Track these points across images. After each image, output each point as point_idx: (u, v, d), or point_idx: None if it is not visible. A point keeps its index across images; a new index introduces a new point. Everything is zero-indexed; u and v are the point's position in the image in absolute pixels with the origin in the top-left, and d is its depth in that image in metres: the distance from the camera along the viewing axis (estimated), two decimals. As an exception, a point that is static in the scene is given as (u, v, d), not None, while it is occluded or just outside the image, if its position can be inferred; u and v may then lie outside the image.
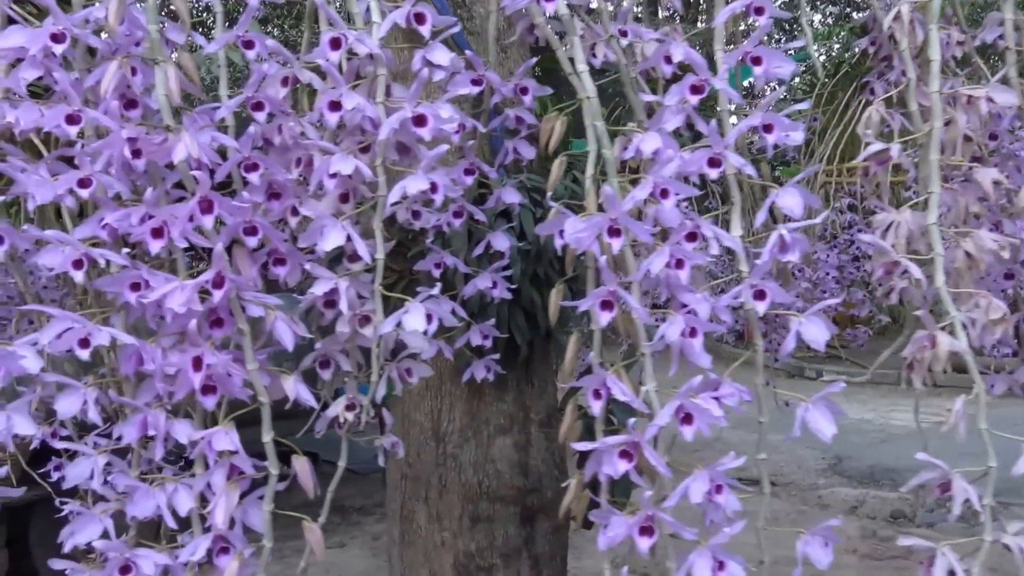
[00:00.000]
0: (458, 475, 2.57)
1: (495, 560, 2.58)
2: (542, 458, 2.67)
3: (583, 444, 0.90)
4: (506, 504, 2.59)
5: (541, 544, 2.66)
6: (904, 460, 7.67)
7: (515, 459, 2.61)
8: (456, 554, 2.57)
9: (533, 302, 2.49)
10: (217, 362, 0.93)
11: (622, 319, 0.94)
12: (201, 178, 0.93)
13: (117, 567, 0.97)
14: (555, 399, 2.78)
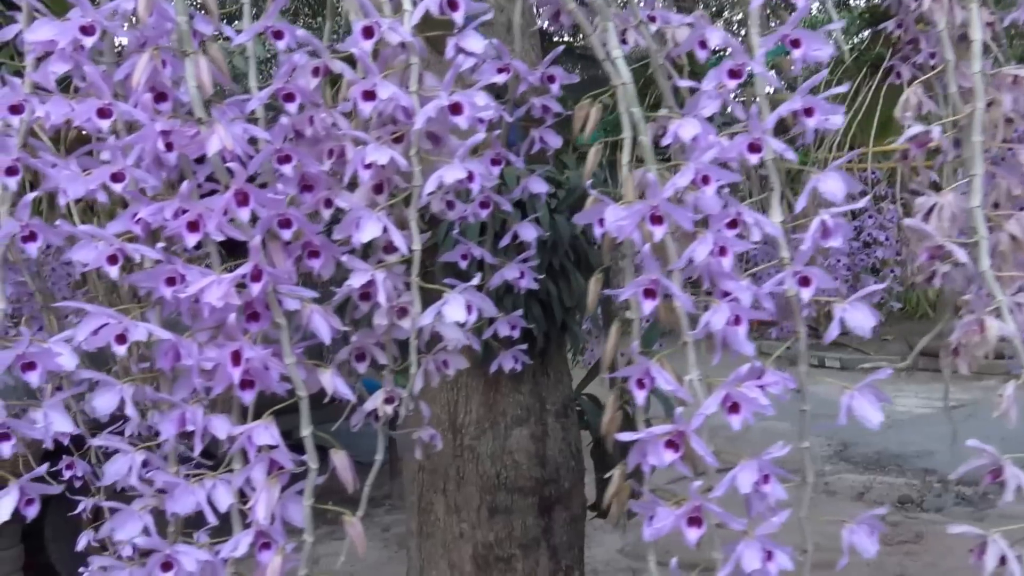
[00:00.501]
0: (476, 466, 2.57)
1: (514, 550, 2.59)
2: (559, 448, 2.67)
3: (627, 434, 0.90)
4: (524, 495, 2.59)
5: (559, 534, 2.66)
6: (910, 446, 7.67)
7: (532, 450, 2.61)
8: (475, 545, 2.57)
9: (549, 293, 2.48)
10: (256, 356, 0.92)
11: (663, 308, 0.93)
12: (236, 170, 0.92)
13: (158, 564, 0.96)
14: (571, 390, 2.78)
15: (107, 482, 0.98)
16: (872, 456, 7.46)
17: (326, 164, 1.01)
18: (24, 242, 0.97)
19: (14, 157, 0.97)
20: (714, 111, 0.97)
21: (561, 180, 2.49)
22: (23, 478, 0.95)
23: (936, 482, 6.87)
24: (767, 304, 0.91)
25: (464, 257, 1.36)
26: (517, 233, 1.39)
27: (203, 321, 0.98)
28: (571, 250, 2.54)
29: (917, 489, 6.72)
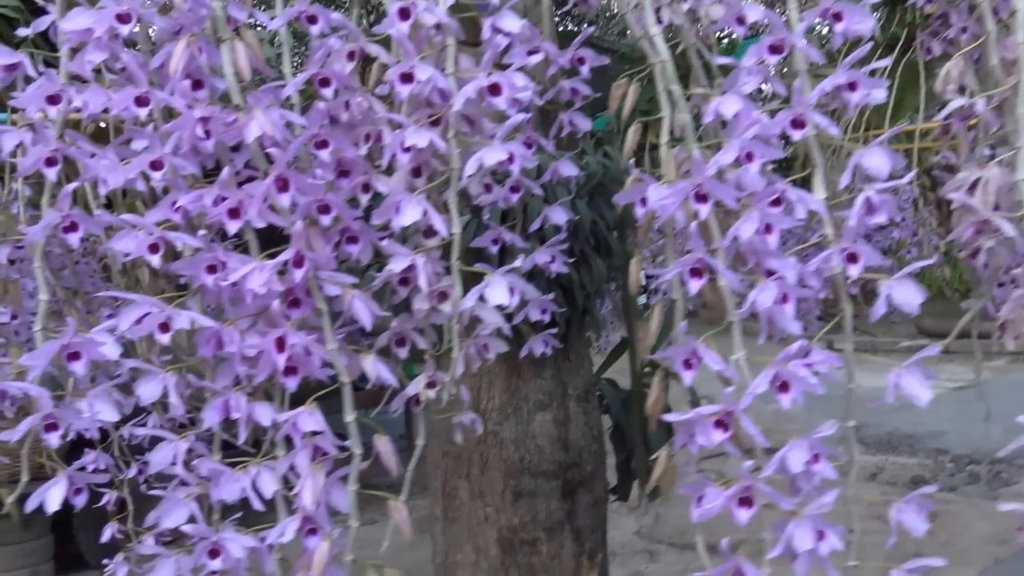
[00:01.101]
0: (499, 451, 2.58)
1: (538, 534, 2.59)
2: (581, 433, 2.67)
3: (673, 415, 0.89)
4: (547, 479, 2.60)
5: (583, 517, 2.66)
6: (922, 426, 7.67)
7: (555, 434, 2.62)
8: (499, 529, 2.57)
9: (570, 279, 2.48)
10: (300, 342, 0.92)
11: (707, 288, 0.92)
12: (276, 155, 0.92)
13: (206, 551, 0.96)
14: (591, 374, 2.78)
15: (152, 471, 0.98)
16: (884, 437, 7.46)
17: (363, 149, 1.01)
18: (65, 232, 0.97)
19: (53, 147, 0.97)
20: (755, 87, 0.96)
21: (580, 165, 2.48)
22: (70, 467, 0.95)
23: (948, 462, 6.87)
24: (813, 282, 0.90)
25: (495, 242, 1.36)
26: (547, 217, 1.38)
27: (244, 308, 0.98)
28: (591, 236, 2.53)
29: (930, 469, 6.72)
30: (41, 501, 0.94)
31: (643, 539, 5.43)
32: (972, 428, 7.61)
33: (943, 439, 7.22)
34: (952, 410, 7.63)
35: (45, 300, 0.98)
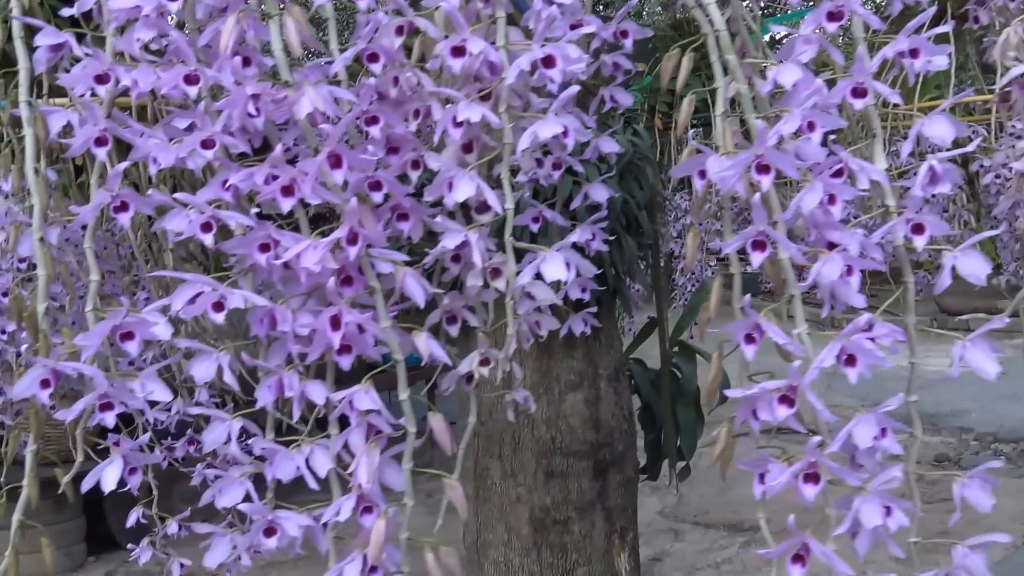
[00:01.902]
0: (531, 431, 2.58)
1: (570, 513, 2.60)
2: (612, 413, 2.67)
3: (736, 391, 0.88)
4: (579, 459, 2.60)
5: (613, 496, 2.67)
6: (944, 405, 7.61)
7: (586, 414, 2.62)
8: (532, 508, 2.58)
9: (601, 258, 2.47)
10: (355, 320, 0.91)
11: (767, 261, 0.91)
12: (329, 132, 0.91)
13: (261, 529, 0.97)
14: (621, 354, 2.77)
15: (207, 450, 0.98)
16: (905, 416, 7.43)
17: (412, 125, 1.00)
18: (116, 212, 0.96)
19: (102, 127, 0.97)
20: (812, 56, 0.94)
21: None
22: (125, 447, 0.95)
23: (972, 440, 6.83)
24: (876, 254, 0.88)
25: (535, 220, 1.34)
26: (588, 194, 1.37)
27: (296, 287, 0.97)
28: (622, 215, 2.51)
29: (954, 447, 6.68)
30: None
31: (667, 518, 5.43)
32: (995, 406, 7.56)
33: (966, 417, 7.17)
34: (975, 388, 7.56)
35: (96, 280, 0.98)
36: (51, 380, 0.91)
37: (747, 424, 0.90)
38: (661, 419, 2.92)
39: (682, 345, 3.02)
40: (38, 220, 0.96)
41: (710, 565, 4.61)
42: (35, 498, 0.97)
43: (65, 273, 0.97)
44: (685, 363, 2.94)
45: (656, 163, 2.75)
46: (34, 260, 1.96)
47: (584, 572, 2.61)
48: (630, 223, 2.56)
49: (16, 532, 0.96)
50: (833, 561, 0.86)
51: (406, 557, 0.98)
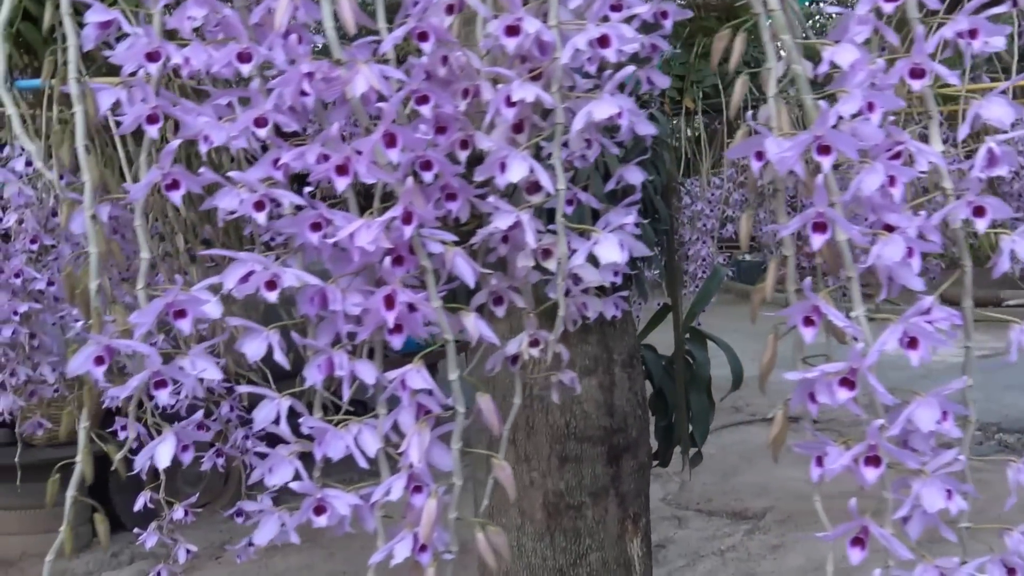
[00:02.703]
0: (545, 417, 2.58)
1: (583, 498, 2.61)
2: (626, 398, 2.67)
3: (796, 373, 0.88)
4: (593, 444, 2.60)
5: (627, 482, 2.68)
6: (947, 394, 7.65)
7: (600, 400, 2.62)
8: (545, 493, 2.58)
9: (619, 242, 2.45)
10: (409, 299, 0.91)
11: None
12: (386, 110, 0.90)
13: (311, 507, 0.96)
14: (636, 340, 2.77)
15: (257, 428, 0.97)
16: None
17: (462, 105, 0.99)
18: (167, 190, 0.96)
19: (154, 104, 0.96)
20: (867, 36, 0.93)
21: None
22: (176, 425, 0.95)
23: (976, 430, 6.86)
24: (935, 237, 0.88)
25: (570, 202, 1.34)
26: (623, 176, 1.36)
27: (346, 266, 0.97)
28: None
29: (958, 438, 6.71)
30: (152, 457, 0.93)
31: (670, 505, 5.46)
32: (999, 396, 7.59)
33: (970, 407, 7.20)
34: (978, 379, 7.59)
35: (147, 259, 0.97)
36: (105, 357, 0.91)
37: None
38: (673, 405, 2.92)
39: (694, 332, 3.03)
40: (89, 197, 0.95)
41: (714, 552, 4.63)
42: (89, 474, 0.96)
43: (117, 251, 0.96)
44: (698, 349, 2.94)
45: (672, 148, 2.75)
46: (46, 241, 1.95)
47: (597, 557, 2.62)
48: (646, 208, 2.56)
49: (70, 508, 0.96)
50: (893, 544, 0.87)
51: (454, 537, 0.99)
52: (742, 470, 5.89)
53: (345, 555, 4.51)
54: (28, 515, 4.45)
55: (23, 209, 1.93)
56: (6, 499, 4.44)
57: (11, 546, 4.45)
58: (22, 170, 1.94)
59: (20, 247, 1.97)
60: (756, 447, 6.35)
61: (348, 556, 4.49)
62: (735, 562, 4.46)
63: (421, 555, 0.95)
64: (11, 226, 1.97)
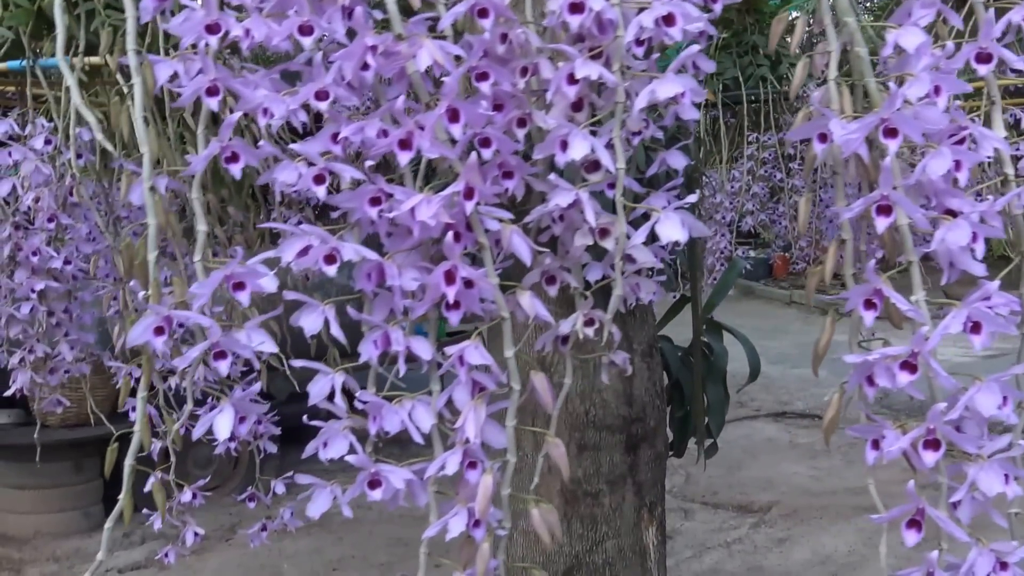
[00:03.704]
0: (565, 404, 2.56)
1: (601, 486, 2.61)
2: (644, 388, 2.67)
3: (855, 356, 0.88)
4: (611, 432, 2.60)
5: (644, 471, 2.68)
6: (950, 393, 7.66)
7: (620, 389, 2.62)
8: (563, 481, 2.59)
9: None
10: (470, 275, 0.91)
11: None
12: (449, 85, 0.90)
13: (365, 481, 0.97)
14: (655, 330, 2.77)
15: (312, 402, 0.98)
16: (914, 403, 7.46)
17: (520, 83, 0.99)
18: (227, 163, 0.96)
19: (213, 77, 0.96)
20: (931, 20, 0.93)
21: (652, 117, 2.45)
22: (234, 396, 0.95)
23: (983, 428, 6.86)
24: (995, 222, 0.88)
25: (611, 186, 1.34)
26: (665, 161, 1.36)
27: (403, 242, 0.97)
28: (661, 186, 2.51)
29: (959, 435, 6.72)
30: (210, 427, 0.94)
31: (675, 498, 5.47)
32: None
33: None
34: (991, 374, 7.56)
35: (204, 231, 0.97)
36: (165, 328, 0.91)
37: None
38: (690, 396, 2.92)
39: (711, 323, 3.03)
40: (148, 169, 0.95)
41: (720, 544, 4.64)
42: (147, 443, 0.97)
43: (174, 223, 0.96)
44: (715, 341, 2.94)
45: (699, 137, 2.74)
46: (63, 220, 1.94)
47: (613, 545, 2.63)
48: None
49: (128, 476, 0.96)
50: (949, 527, 0.87)
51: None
52: (747, 464, 5.90)
53: (353, 539, 4.51)
54: (41, 494, 4.46)
55: (42, 188, 1.92)
56: (19, 478, 4.47)
57: (25, 525, 4.47)
58: (41, 148, 1.93)
59: (38, 225, 1.96)
60: (761, 442, 6.36)
61: (356, 540, 4.50)
62: (741, 554, 4.47)
63: (475, 530, 0.96)
64: (29, 205, 1.96)
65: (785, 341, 8.84)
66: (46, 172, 1.90)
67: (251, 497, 2.01)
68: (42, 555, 4.35)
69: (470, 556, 0.97)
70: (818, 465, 5.84)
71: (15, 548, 4.42)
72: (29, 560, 4.31)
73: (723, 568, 4.30)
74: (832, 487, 5.51)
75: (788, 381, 7.83)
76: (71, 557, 4.32)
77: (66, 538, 4.44)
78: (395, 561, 4.22)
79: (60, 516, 4.46)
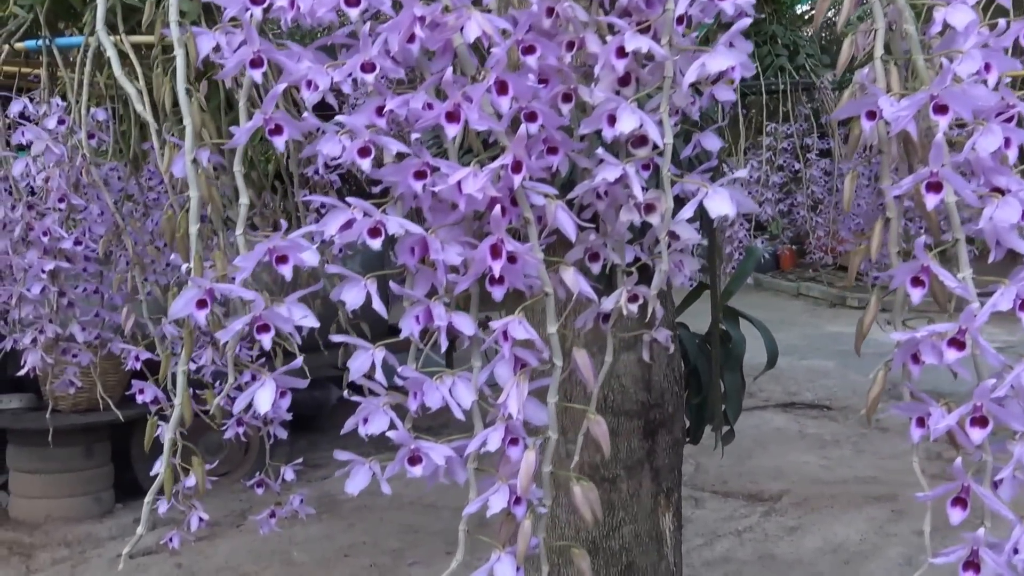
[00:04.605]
0: (583, 390, 2.58)
1: (619, 471, 2.61)
2: (663, 374, 2.67)
3: (901, 333, 0.87)
4: (630, 418, 2.60)
5: (662, 457, 2.68)
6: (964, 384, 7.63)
7: (638, 375, 2.62)
8: (581, 466, 2.57)
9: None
10: (516, 249, 0.91)
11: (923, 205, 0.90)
12: (498, 56, 0.90)
13: (406, 458, 0.97)
14: (673, 316, 2.76)
15: (352, 378, 0.98)
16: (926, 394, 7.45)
17: (567, 57, 0.98)
18: (271, 135, 0.96)
19: (257, 48, 0.95)
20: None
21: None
22: (276, 371, 0.95)
23: (994, 420, 6.84)
24: (1046, 200, 0.88)
25: (646, 167, 1.33)
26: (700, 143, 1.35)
27: (445, 217, 0.97)
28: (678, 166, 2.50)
29: (970, 427, 6.71)
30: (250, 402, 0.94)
31: (686, 487, 5.46)
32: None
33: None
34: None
35: (246, 204, 0.97)
36: (207, 300, 0.91)
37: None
38: (707, 383, 2.92)
39: (728, 310, 3.02)
40: (190, 142, 0.95)
41: (731, 532, 4.64)
42: (188, 416, 0.97)
43: (215, 196, 0.96)
44: (732, 328, 2.94)
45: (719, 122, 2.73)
46: (73, 200, 1.92)
47: (630, 530, 2.64)
48: (689, 185, 2.55)
49: (168, 449, 0.96)
50: (995, 504, 0.87)
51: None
52: (756, 454, 5.90)
53: (364, 526, 4.53)
54: (52, 479, 4.47)
55: (54, 167, 1.91)
56: (31, 463, 4.49)
57: (36, 509, 4.48)
58: (54, 128, 1.91)
59: (49, 205, 1.94)
60: (770, 432, 6.36)
61: (367, 527, 4.51)
62: (752, 542, 4.47)
63: (516, 507, 0.96)
64: (39, 184, 1.94)
65: (793, 333, 8.83)
66: (57, 152, 1.88)
67: (259, 483, 1.99)
68: (53, 540, 4.36)
69: (511, 533, 0.97)
70: (828, 455, 5.84)
71: (26, 533, 4.43)
72: (40, 545, 4.32)
73: (734, 556, 4.31)
74: (842, 476, 5.52)
75: (797, 372, 7.82)
76: (82, 542, 4.33)
77: (77, 523, 4.46)
78: (406, 548, 4.24)
79: (71, 501, 4.49)
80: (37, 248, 1.94)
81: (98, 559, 4.19)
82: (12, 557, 4.22)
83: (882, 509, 4.77)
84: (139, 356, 1.79)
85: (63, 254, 1.95)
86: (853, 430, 6.59)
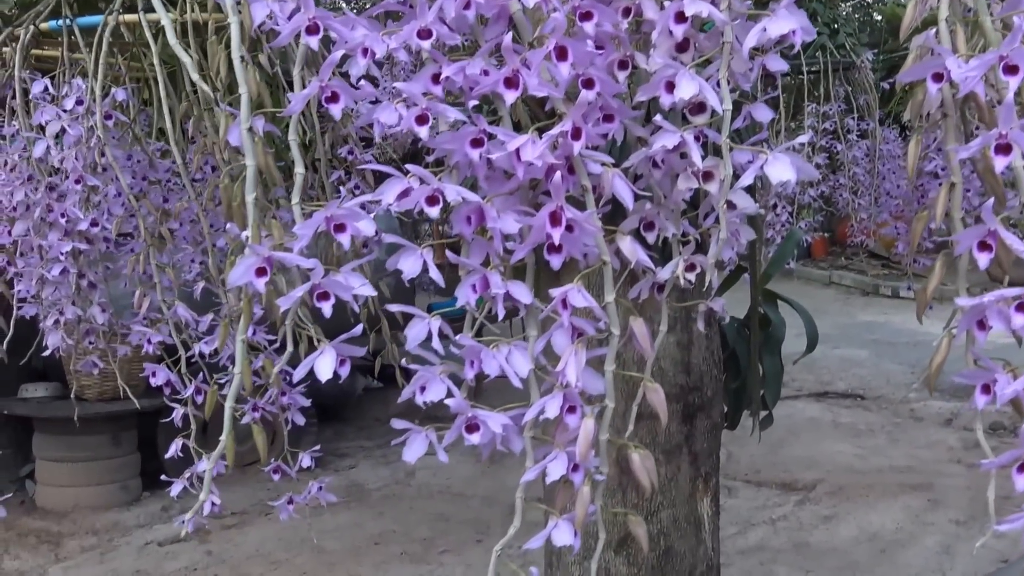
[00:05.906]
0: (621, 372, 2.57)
1: (657, 455, 2.59)
2: (703, 357, 2.65)
3: (967, 300, 0.86)
4: (668, 401, 2.57)
5: (700, 441, 2.66)
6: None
7: (678, 357, 2.60)
8: (619, 450, 2.59)
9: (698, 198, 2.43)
10: (575, 217, 0.90)
11: (987, 171, 0.88)
12: (557, 21, 0.89)
13: (463, 426, 0.97)
14: (712, 298, 2.75)
15: (409, 346, 0.98)
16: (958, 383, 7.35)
17: (623, 24, 0.97)
18: (327, 103, 0.96)
19: (312, 15, 0.95)
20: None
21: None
22: (336, 340, 0.96)
23: (1025, 410, 6.74)
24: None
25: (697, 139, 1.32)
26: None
27: (500, 186, 0.97)
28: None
29: (1008, 415, 6.62)
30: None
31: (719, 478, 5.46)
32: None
33: (1016, 387, 7.07)
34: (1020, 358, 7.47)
35: (301, 173, 0.97)
36: (267, 268, 0.92)
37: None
38: (746, 367, 2.90)
39: (767, 293, 2.99)
40: (245, 110, 0.95)
41: (765, 521, 4.61)
42: (248, 384, 0.97)
43: (271, 165, 0.97)
44: (771, 311, 2.91)
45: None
46: (90, 181, 1.92)
47: (668, 515, 2.62)
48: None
49: (229, 418, 0.97)
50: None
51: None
52: (789, 443, 5.86)
53: (394, 514, 4.56)
54: (80, 467, 4.49)
55: (72, 149, 1.90)
56: (58, 451, 4.51)
57: (64, 498, 4.51)
58: (73, 108, 1.91)
59: (68, 187, 1.94)
60: (803, 421, 6.31)
61: (397, 515, 4.54)
62: (787, 531, 4.44)
63: (574, 474, 0.95)
64: (57, 165, 1.94)
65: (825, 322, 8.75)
66: (75, 133, 1.88)
67: (275, 469, 1.98)
68: (80, 528, 4.39)
69: (568, 501, 0.97)
70: (862, 444, 5.78)
71: (54, 521, 4.47)
72: (68, 533, 4.35)
73: (769, 544, 4.28)
74: (877, 465, 5.46)
75: (830, 361, 7.75)
76: (110, 530, 4.36)
77: (105, 511, 4.49)
78: (436, 536, 4.26)
79: (98, 489, 4.51)
80: (57, 230, 1.94)
81: (126, 546, 4.22)
82: (41, 545, 4.27)
83: (918, 498, 4.71)
84: (151, 339, 1.80)
85: (82, 235, 1.95)
86: (887, 419, 6.52)
